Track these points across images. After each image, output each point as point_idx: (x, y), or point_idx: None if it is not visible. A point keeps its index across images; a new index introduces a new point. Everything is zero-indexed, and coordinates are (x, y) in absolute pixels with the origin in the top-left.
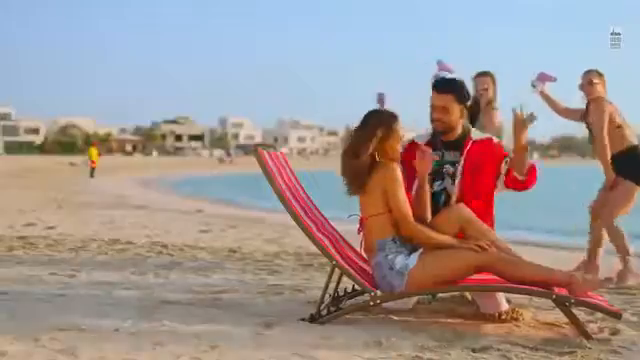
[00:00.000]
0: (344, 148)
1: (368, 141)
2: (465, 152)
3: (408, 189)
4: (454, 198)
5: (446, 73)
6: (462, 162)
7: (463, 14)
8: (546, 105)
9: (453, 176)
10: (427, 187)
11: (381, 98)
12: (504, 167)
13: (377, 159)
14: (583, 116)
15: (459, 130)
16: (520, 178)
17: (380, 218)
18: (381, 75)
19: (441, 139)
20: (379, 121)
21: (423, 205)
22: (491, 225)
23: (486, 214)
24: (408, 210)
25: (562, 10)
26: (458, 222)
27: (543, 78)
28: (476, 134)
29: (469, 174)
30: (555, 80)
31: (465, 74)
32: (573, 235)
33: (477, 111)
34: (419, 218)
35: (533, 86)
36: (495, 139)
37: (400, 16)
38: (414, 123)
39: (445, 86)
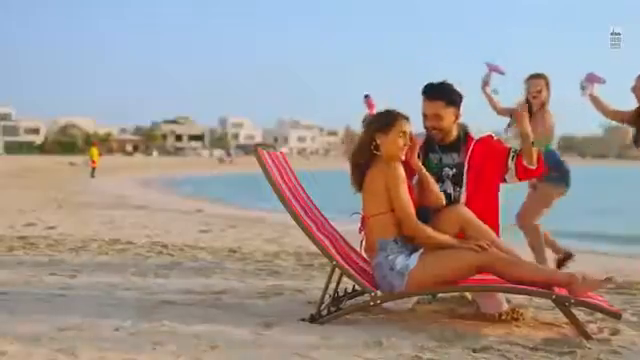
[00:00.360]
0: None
1: (366, 136)
2: (469, 154)
3: (409, 179)
4: (462, 202)
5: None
6: (466, 165)
7: (463, 14)
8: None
9: (453, 178)
10: (424, 171)
11: (368, 100)
12: (510, 163)
13: (376, 153)
14: (631, 119)
15: (455, 132)
16: (531, 167)
17: (382, 218)
18: (381, 75)
19: (438, 143)
20: (378, 117)
21: (430, 191)
22: (496, 221)
23: (491, 210)
24: (410, 208)
25: (562, 10)
26: (458, 222)
27: (592, 79)
28: (476, 133)
29: (473, 175)
30: (604, 82)
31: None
32: (575, 237)
33: (528, 113)
34: (434, 205)
35: (582, 88)
36: (495, 136)
37: (400, 16)
38: (415, 124)
39: (434, 92)
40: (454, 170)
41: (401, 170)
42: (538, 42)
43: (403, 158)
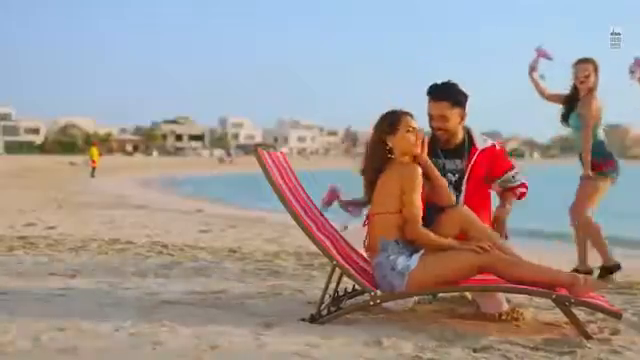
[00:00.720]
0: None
1: (375, 142)
2: (471, 164)
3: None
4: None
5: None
6: (467, 175)
7: (463, 14)
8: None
9: (455, 184)
10: (430, 164)
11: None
12: (496, 185)
13: (390, 156)
14: None
15: (460, 135)
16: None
17: (387, 218)
18: (381, 75)
19: (441, 147)
20: (382, 120)
21: (439, 187)
22: (488, 220)
23: (483, 210)
24: (419, 212)
25: (562, 10)
26: (460, 223)
27: None
28: (481, 141)
29: (473, 184)
30: None
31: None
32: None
33: (575, 99)
34: (444, 203)
35: (631, 72)
36: (498, 146)
37: (400, 16)
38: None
39: (439, 93)
40: (456, 176)
41: (418, 172)
42: (537, 42)
43: (419, 151)
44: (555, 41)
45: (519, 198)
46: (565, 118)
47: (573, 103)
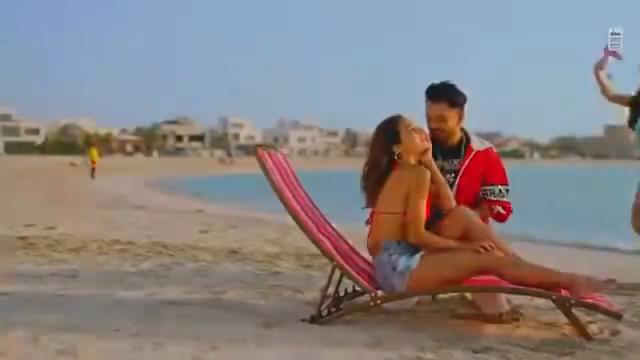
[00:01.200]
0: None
1: (381, 154)
2: (466, 163)
3: None
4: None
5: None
6: (460, 174)
7: (463, 14)
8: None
9: (452, 184)
10: (435, 169)
11: None
12: (482, 188)
13: (397, 159)
14: None
15: (457, 135)
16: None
17: (393, 218)
18: (381, 75)
19: (440, 148)
20: (381, 132)
21: (442, 189)
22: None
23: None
24: (422, 215)
25: (562, 10)
26: (462, 224)
27: None
28: (477, 142)
29: (465, 183)
30: None
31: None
32: (577, 238)
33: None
34: (444, 207)
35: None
36: (494, 149)
37: (400, 16)
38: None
39: (438, 94)
40: (453, 176)
41: (428, 177)
42: (536, 42)
43: (428, 145)
44: (555, 41)
45: (492, 216)
46: (632, 122)
47: (639, 106)
